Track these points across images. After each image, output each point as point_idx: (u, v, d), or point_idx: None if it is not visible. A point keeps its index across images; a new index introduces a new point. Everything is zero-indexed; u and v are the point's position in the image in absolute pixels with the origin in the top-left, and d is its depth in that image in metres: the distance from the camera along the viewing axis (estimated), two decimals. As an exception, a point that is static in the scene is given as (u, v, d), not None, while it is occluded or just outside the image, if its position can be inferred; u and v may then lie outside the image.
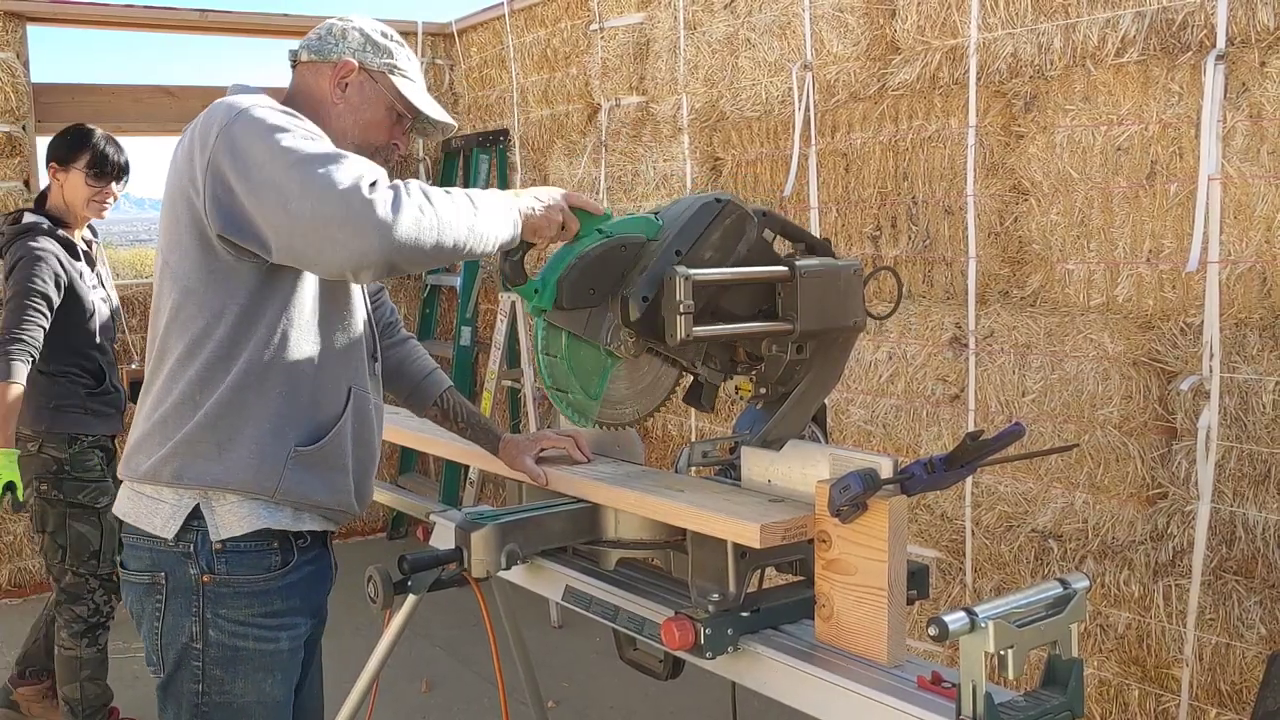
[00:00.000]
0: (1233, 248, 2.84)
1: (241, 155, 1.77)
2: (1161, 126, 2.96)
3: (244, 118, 1.81)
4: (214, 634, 1.93)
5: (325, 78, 2.04)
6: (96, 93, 5.68)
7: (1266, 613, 2.78)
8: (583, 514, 2.15)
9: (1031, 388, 3.27)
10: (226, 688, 1.95)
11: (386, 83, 2.06)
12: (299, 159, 1.73)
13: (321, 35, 2.07)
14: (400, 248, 1.70)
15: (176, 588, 1.93)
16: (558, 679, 4.18)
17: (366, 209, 1.68)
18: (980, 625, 1.43)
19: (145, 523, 1.95)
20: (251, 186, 1.76)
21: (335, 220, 1.68)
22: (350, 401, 2.01)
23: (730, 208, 2.00)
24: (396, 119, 2.09)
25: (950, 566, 3.54)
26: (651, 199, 4.69)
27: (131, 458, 1.97)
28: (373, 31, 2.07)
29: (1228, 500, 2.86)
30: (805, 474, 1.90)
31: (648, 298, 1.93)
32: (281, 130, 1.78)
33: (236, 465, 1.89)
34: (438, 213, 1.75)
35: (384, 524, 6.29)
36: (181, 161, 1.88)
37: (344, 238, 1.69)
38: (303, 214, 1.70)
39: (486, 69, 5.95)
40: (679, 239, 1.96)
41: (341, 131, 2.02)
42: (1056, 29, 3.17)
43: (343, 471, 2.01)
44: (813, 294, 1.99)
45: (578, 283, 1.94)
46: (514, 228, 1.89)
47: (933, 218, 3.58)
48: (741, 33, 4.17)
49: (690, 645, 1.80)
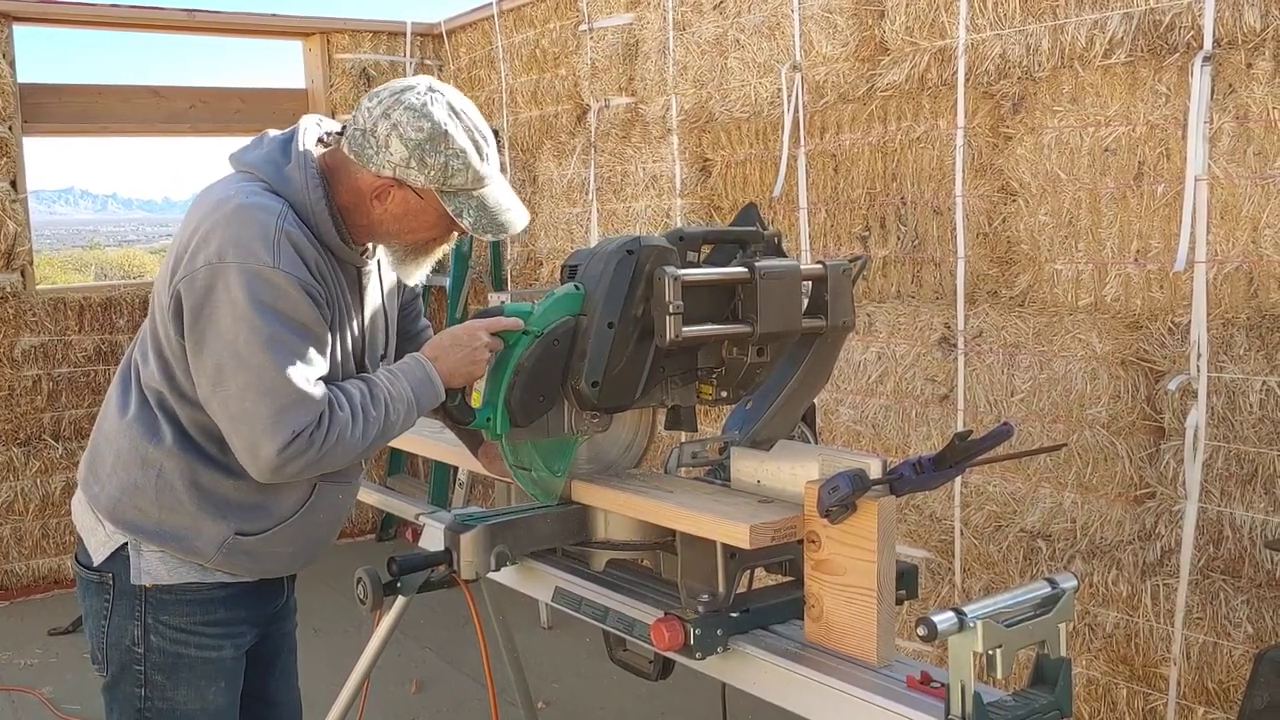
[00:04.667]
0: (1219, 248, 2.85)
1: (213, 311, 1.76)
2: (1149, 127, 2.97)
3: (237, 277, 1.74)
4: (155, 640, 1.93)
5: (364, 181, 1.86)
6: (83, 93, 5.65)
7: (1253, 611, 2.79)
8: (572, 515, 2.14)
9: (1020, 387, 3.27)
10: (169, 694, 1.95)
11: (433, 200, 1.87)
12: (256, 375, 1.74)
13: (364, 131, 1.83)
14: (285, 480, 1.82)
15: (123, 590, 1.93)
16: (547, 680, 4.18)
17: (267, 461, 1.75)
18: (969, 625, 1.43)
19: (86, 536, 1.98)
20: (205, 339, 1.77)
21: (243, 439, 1.76)
22: (312, 497, 1.98)
23: (645, 253, 1.90)
24: (448, 224, 1.92)
25: (939, 567, 3.54)
26: (641, 199, 4.69)
27: (86, 468, 1.99)
28: (418, 135, 1.80)
29: (1215, 500, 2.87)
30: (794, 474, 1.90)
31: (597, 383, 1.90)
32: (260, 328, 1.74)
33: (172, 534, 1.90)
34: (338, 450, 1.80)
35: (373, 525, 6.28)
36: (181, 236, 1.84)
37: (241, 448, 1.78)
38: (224, 411, 1.77)
39: (475, 69, 5.94)
40: (607, 309, 1.89)
41: (387, 234, 1.93)
42: (1044, 30, 3.18)
43: (283, 557, 2.02)
44: (774, 296, 1.93)
45: (524, 398, 1.92)
46: (436, 400, 1.93)
47: (921, 218, 3.59)
48: (730, 34, 4.17)
49: (680, 646, 1.80)
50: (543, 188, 5.33)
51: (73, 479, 5.39)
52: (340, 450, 1.80)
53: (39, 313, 5.32)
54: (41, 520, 5.37)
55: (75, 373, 5.45)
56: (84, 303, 5.46)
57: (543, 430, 1.99)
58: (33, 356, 5.33)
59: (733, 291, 1.95)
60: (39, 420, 5.38)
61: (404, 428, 1.91)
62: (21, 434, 5.34)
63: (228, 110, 5.93)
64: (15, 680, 4.31)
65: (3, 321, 5.23)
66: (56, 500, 5.39)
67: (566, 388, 1.95)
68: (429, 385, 1.91)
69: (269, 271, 1.75)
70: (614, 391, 1.93)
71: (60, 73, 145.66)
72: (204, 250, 1.77)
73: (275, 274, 1.75)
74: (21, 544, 5.34)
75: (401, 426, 1.90)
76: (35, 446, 5.36)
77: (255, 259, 1.75)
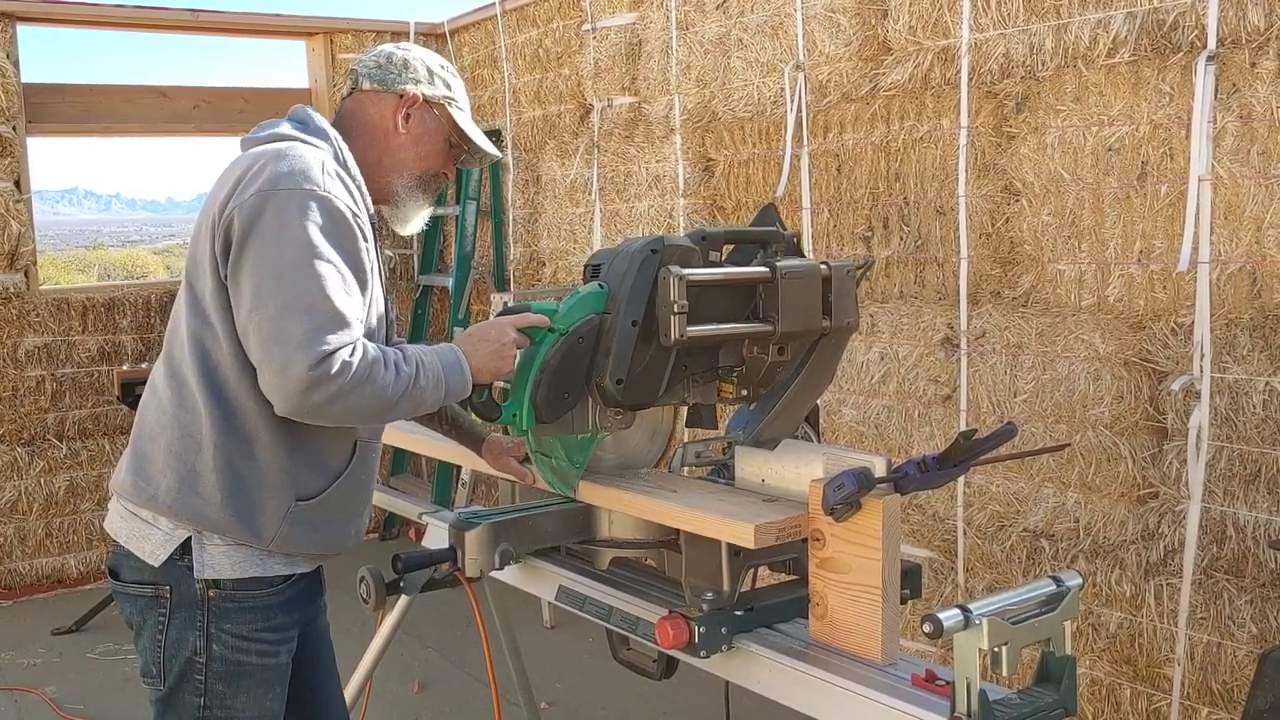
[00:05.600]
0: (1223, 248, 2.85)
1: (261, 235, 1.77)
2: (1152, 127, 2.97)
3: (289, 200, 1.78)
4: (218, 648, 1.91)
5: (389, 107, 2.04)
6: (88, 93, 5.66)
7: (1257, 612, 2.79)
8: (576, 514, 2.14)
9: (1023, 388, 3.27)
10: (228, 702, 1.93)
11: (445, 114, 2.08)
12: (296, 293, 1.74)
13: (382, 64, 2.06)
14: (311, 415, 1.77)
15: (182, 601, 1.91)
16: (551, 679, 4.18)
17: (297, 381, 1.72)
18: (974, 622, 1.43)
19: (135, 546, 1.93)
20: (247, 266, 1.77)
21: (275, 360, 1.73)
22: (355, 454, 2.00)
23: (669, 251, 1.95)
24: (450, 149, 2.11)
25: (943, 566, 3.54)
26: (644, 199, 4.69)
27: (129, 475, 1.95)
28: (432, 63, 2.09)
29: (1218, 500, 2.87)
30: (799, 473, 1.90)
31: (621, 380, 1.92)
32: (310, 246, 1.76)
33: (235, 513, 1.88)
34: (366, 391, 1.77)
35: (376, 525, 6.28)
36: (219, 192, 1.85)
37: (272, 371, 1.74)
38: (258, 335, 1.75)
39: (479, 69, 5.94)
40: (630, 307, 1.93)
41: (403, 163, 2.05)
42: (1048, 29, 3.18)
43: (342, 521, 2.01)
44: (794, 295, 1.96)
45: (550, 395, 1.95)
46: (464, 388, 1.92)
47: (924, 218, 3.59)
48: (734, 33, 4.17)
49: (684, 644, 1.80)
50: (545, 188, 5.33)
51: (76, 479, 5.41)
52: (369, 393, 1.77)
53: (43, 313, 5.32)
54: (45, 520, 5.38)
55: (79, 373, 5.46)
56: (87, 303, 5.46)
57: (567, 426, 2.01)
58: (36, 357, 5.33)
59: (754, 291, 1.98)
60: (43, 420, 5.39)
61: (430, 404, 1.88)
62: (25, 434, 5.34)
63: (231, 110, 5.93)
64: (18, 680, 4.31)
65: (6, 322, 5.23)
66: (60, 500, 5.39)
67: (591, 385, 1.97)
68: (458, 371, 1.90)
69: (321, 194, 1.81)
70: (637, 389, 1.95)
71: (64, 73, 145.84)
72: (254, 184, 1.80)
73: (328, 199, 1.81)
74: (25, 543, 5.34)
75: (428, 400, 1.87)
76: (39, 446, 5.36)
77: (309, 182, 1.81)
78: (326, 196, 1.81)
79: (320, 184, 1.82)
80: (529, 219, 5.56)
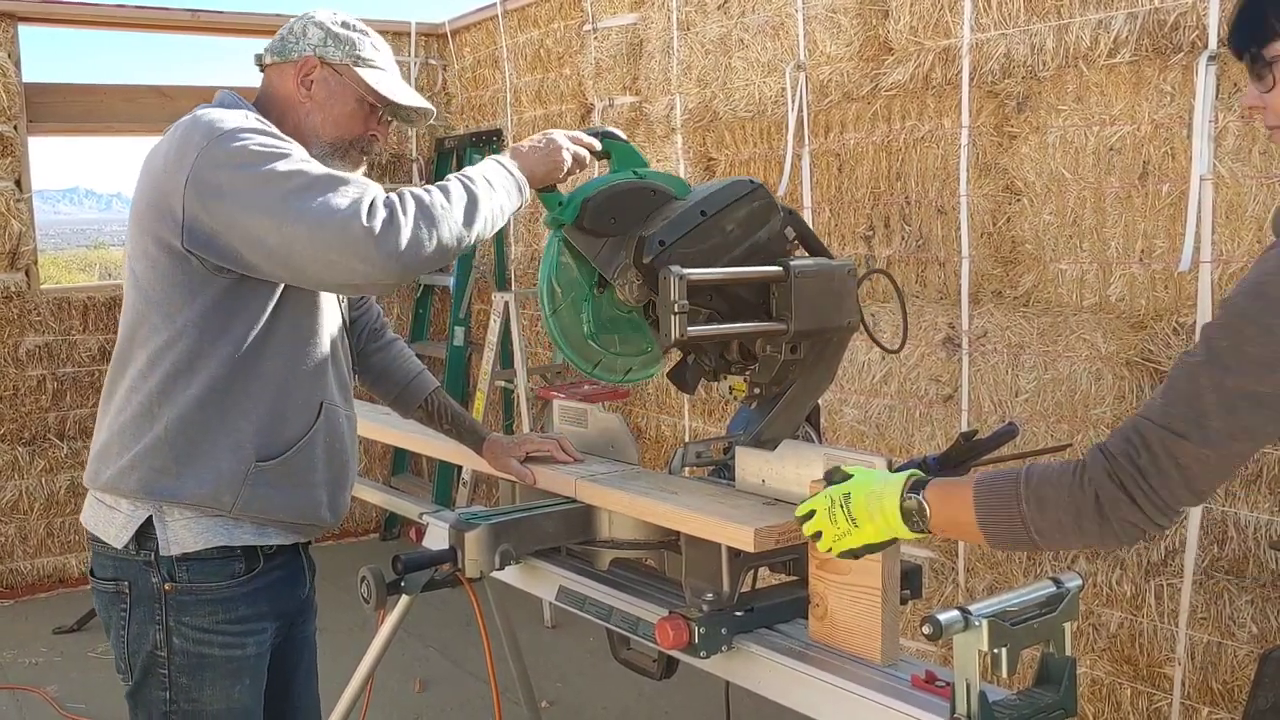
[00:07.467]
0: (1225, 247, 2.85)
1: (229, 178, 1.77)
2: (1154, 127, 2.97)
3: (230, 139, 1.79)
4: (178, 641, 1.92)
5: (289, 77, 2.01)
6: (88, 93, 5.66)
7: (1258, 611, 2.79)
8: (576, 514, 2.15)
9: (1025, 388, 3.27)
10: (194, 695, 1.94)
11: (351, 75, 2.02)
12: (292, 187, 1.74)
13: (283, 35, 2.04)
14: (406, 266, 1.74)
15: (140, 596, 1.92)
16: (551, 679, 4.18)
17: (366, 236, 1.70)
18: (974, 623, 1.43)
19: (102, 531, 1.95)
20: (238, 210, 1.76)
21: (334, 247, 1.71)
22: (321, 416, 1.99)
23: (761, 192, 2.02)
24: (369, 110, 2.05)
25: (943, 567, 3.54)
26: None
27: (93, 465, 1.97)
28: (332, 24, 2.03)
29: (1219, 500, 2.87)
30: (800, 474, 1.90)
31: (664, 241, 1.94)
32: (271, 156, 1.78)
33: (192, 481, 1.88)
34: (436, 221, 1.77)
35: (377, 525, 6.28)
36: (157, 171, 1.86)
37: (345, 262, 1.72)
38: (297, 239, 1.73)
39: (480, 69, 5.94)
40: (707, 202, 1.99)
41: (313, 129, 2.01)
42: (1049, 29, 3.17)
43: (310, 486, 1.99)
44: (807, 294, 1.98)
45: (602, 207, 2.00)
46: (521, 193, 1.94)
47: (926, 218, 3.59)
48: (735, 33, 4.17)
49: (684, 644, 1.80)
50: (547, 187, 5.33)
51: (77, 478, 5.41)
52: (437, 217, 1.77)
53: (43, 312, 5.33)
54: (46, 519, 5.38)
55: (80, 372, 5.46)
56: (88, 302, 5.47)
57: (594, 250, 2.02)
58: (37, 356, 5.34)
59: (767, 288, 2.00)
60: (44, 420, 5.39)
61: (487, 216, 1.86)
62: (26, 433, 5.35)
63: (232, 110, 5.92)
64: (20, 679, 4.32)
65: (8, 321, 5.24)
66: (61, 499, 5.40)
67: (635, 236, 1.98)
68: (503, 171, 1.91)
69: (245, 121, 1.85)
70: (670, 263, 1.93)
71: (65, 72, 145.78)
72: (187, 149, 1.81)
73: (251, 121, 1.86)
74: (26, 543, 5.35)
75: (486, 210, 1.85)
76: (40, 446, 5.37)
77: (242, 124, 1.83)
78: (250, 119, 1.87)
79: (253, 120, 1.88)
80: (530, 218, 5.56)
